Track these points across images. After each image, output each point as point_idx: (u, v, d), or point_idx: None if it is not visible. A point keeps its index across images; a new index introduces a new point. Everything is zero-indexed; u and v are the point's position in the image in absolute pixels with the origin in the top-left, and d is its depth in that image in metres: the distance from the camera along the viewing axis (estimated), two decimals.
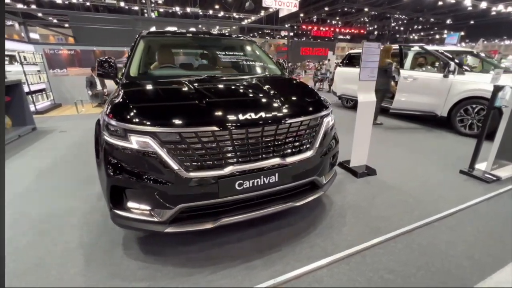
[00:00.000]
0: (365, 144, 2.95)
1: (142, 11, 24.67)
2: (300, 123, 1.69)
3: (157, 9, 25.38)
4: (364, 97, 2.77)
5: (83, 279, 1.52)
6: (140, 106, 1.54)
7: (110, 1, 16.43)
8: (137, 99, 1.63)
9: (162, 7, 25.15)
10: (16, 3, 19.43)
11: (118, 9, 22.66)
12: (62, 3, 22.85)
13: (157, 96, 1.73)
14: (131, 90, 1.75)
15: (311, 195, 1.88)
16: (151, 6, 22.36)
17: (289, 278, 1.52)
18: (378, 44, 2.67)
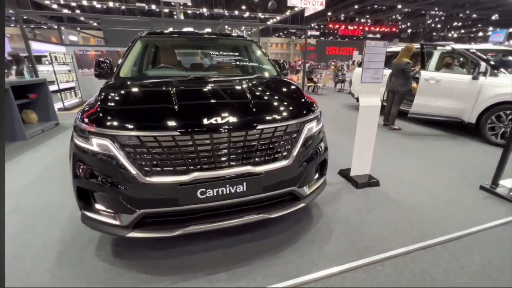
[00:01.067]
0: (368, 152, 2.71)
1: (172, 13, 25.69)
2: (274, 129, 1.56)
3: (185, 11, 26.26)
4: (366, 101, 2.53)
5: (49, 277, 1.54)
6: (105, 108, 1.52)
7: (140, 5, 17.28)
8: (107, 101, 1.61)
9: (190, 9, 25.98)
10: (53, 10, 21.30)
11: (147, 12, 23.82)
12: (101, 8, 24.65)
13: (128, 99, 1.70)
14: (107, 92, 1.74)
15: (289, 207, 1.74)
16: (180, 8, 23.19)
17: None
18: (383, 43, 2.42)
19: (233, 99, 1.73)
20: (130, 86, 1.88)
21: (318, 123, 1.84)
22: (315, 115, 1.78)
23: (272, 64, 2.75)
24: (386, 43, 2.45)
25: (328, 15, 27.32)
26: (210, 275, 1.55)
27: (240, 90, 1.86)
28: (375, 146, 3.83)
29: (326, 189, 2.55)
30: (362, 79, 2.48)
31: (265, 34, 35.47)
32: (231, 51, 2.86)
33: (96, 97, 1.69)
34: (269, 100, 1.80)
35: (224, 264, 1.64)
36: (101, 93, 1.72)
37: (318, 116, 1.85)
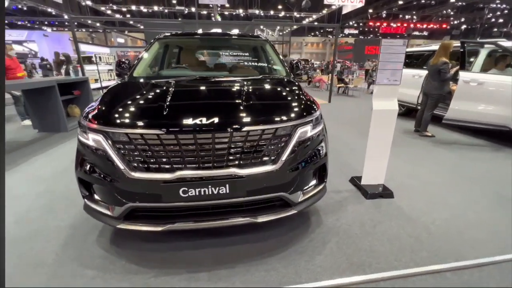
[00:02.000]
0: (383, 161, 2.49)
1: (210, 15, 26.68)
2: (261, 132, 1.51)
3: (222, 12, 27.06)
4: (380, 105, 2.33)
5: (54, 257, 1.70)
6: (102, 107, 1.62)
7: (180, 8, 18.31)
8: (106, 100, 1.72)
9: (227, 10, 26.71)
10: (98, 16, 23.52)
11: (187, 14, 25.08)
12: (146, 12, 26.68)
13: (125, 97, 1.77)
14: (110, 91, 1.87)
15: (278, 213, 1.67)
16: (217, 10, 24.00)
17: None
18: (402, 41, 2.20)
19: (226, 100, 1.73)
20: (134, 85, 1.99)
21: (316, 127, 1.74)
22: (311, 118, 1.69)
23: (282, 64, 2.69)
24: (406, 41, 2.21)
25: (369, 12, 25.83)
26: (191, 273, 1.57)
27: (237, 91, 1.84)
28: (399, 153, 3.54)
29: (332, 196, 2.44)
30: (377, 81, 2.29)
31: (300, 33, 34.90)
32: (243, 51, 2.86)
33: (102, 95, 1.82)
34: (263, 102, 1.75)
35: (208, 264, 1.64)
36: (106, 92, 1.85)
37: (315, 119, 1.75)
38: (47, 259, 1.68)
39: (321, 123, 1.84)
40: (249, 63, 2.73)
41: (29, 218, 2.13)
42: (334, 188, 2.63)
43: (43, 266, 1.63)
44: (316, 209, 2.24)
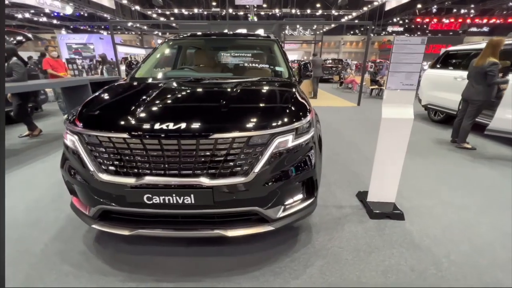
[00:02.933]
0: (394, 176, 2.17)
1: (246, 16, 27.03)
2: (231, 140, 1.40)
3: (259, 12, 27.19)
4: (391, 112, 2.02)
5: (42, 247, 1.80)
6: (83, 108, 1.64)
7: (215, 9, 18.86)
8: (90, 101, 1.75)
9: (263, 10, 26.76)
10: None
11: (225, 16, 25.71)
12: (187, 14, 28.07)
13: (108, 99, 1.78)
14: (102, 91, 1.91)
15: (253, 228, 1.54)
16: (253, 11, 24.20)
17: None
18: (420, 39, 1.87)
19: (203, 104, 1.64)
20: (123, 87, 2.01)
21: (301, 136, 1.56)
22: (292, 126, 1.51)
23: (287, 66, 2.52)
24: (424, 39, 1.88)
25: (417, 7, 23.60)
26: (158, 282, 1.52)
27: (221, 95, 1.75)
28: (426, 167, 3.13)
29: (331, 212, 2.22)
30: (388, 85, 1.99)
31: (339, 32, 33.37)
32: (247, 52, 2.75)
33: (91, 96, 1.87)
34: (244, 107, 1.63)
35: (177, 274, 1.58)
36: (98, 92, 1.90)
37: (301, 128, 1.56)
38: (35, 248, 1.79)
39: (310, 132, 1.64)
40: (250, 64, 2.61)
41: (39, 205, 2.31)
42: (336, 202, 2.38)
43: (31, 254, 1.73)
44: (309, 225, 2.04)
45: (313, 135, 1.68)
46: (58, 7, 17.62)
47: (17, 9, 22.32)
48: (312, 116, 1.74)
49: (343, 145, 3.99)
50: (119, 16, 25.43)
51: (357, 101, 7.67)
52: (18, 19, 24.21)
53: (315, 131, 1.75)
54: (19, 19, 24.42)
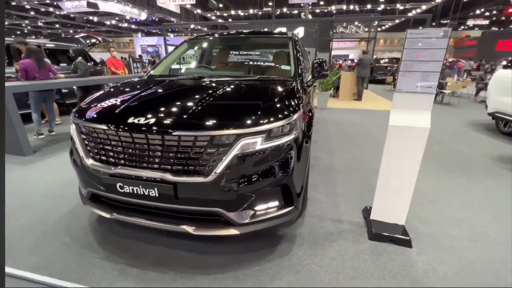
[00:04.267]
0: (403, 194, 1.84)
1: (300, 14, 26.50)
2: (194, 138, 1.38)
3: (314, 10, 26.38)
4: (401, 119, 1.71)
5: (56, 219, 2.10)
6: (86, 101, 1.84)
7: (267, 9, 19.00)
8: (100, 94, 1.95)
9: (318, 8, 25.83)
10: None
11: (279, 15, 25.74)
12: (243, 15, 29.04)
13: (107, 95, 1.91)
14: (113, 86, 2.11)
15: (218, 230, 1.51)
16: (308, 8, 23.57)
17: None
18: (443, 31, 1.53)
19: (179, 101, 1.65)
20: (131, 84, 2.18)
21: (273, 140, 1.45)
22: (261, 128, 1.41)
23: (296, 64, 2.38)
24: (448, 31, 1.53)
25: None
26: (128, 265, 1.61)
27: (203, 93, 1.75)
28: (467, 188, 2.68)
29: (325, 225, 2.03)
30: (398, 86, 1.69)
31: (404, 28, 29.75)
32: (258, 50, 2.68)
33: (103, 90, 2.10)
34: (218, 106, 1.59)
35: (147, 261, 1.66)
36: (110, 87, 2.11)
37: (274, 130, 1.46)
38: (51, 219, 2.10)
39: (290, 135, 1.52)
40: (257, 63, 2.54)
41: (50, 194, 2.70)
42: (336, 215, 2.16)
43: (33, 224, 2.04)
44: (294, 235, 1.90)
45: (294, 139, 1.55)
46: (136, 13, 20.35)
47: (106, 17, 26.40)
48: (298, 118, 1.60)
49: (370, 154, 3.57)
50: (183, 19, 27.84)
51: None
52: (107, 25, 28.62)
53: (299, 134, 1.61)
54: (108, 25, 28.84)
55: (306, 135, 1.75)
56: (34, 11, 21.09)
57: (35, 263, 1.64)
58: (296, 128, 1.58)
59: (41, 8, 20.18)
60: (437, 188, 2.64)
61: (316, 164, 3.19)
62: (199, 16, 29.66)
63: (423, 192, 2.53)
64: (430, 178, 2.86)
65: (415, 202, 2.32)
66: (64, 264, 1.64)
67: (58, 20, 23.29)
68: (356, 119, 5.69)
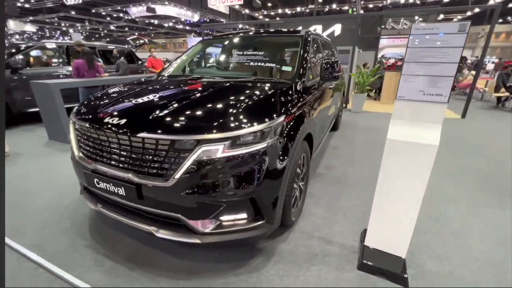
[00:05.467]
0: (404, 221, 1.54)
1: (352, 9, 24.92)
2: (156, 141, 1.37)
3: (366, 5, 24.56)
4: (400, 133, 1.42)
5: (67, 203, 2.34)
6: (85, 100, 1.98)
7: (312, 6, 18.36)
8: (97, 94, 2.08)
9: (371, 2, 23.95)
10: None
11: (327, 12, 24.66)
12: (290, 13, 28.65)
13: (103, 95, 2.00)
14: (111, 87, 2.23)
15: (180, 236, 1.48)
16: (360, 4, 22.03)
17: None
18: (459, 25, 1.20)
19: (159, 104, 1.64)
20: (126, 85, 2.24)
21: (240, 147, 1.35)
22: (223, 135, 1.32)
23: (299, 64, 2.20)
24: (465, 25, 1.19)
25: None
26: (105, 256, 1.70)
27: (184, 95, 1.73)
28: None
29: (312, 244, 1.86)
30: (399, 93, 1.41)
31: (479, 21, 25.47)
32: (264, 51, 2.55)
33: None
34: (189, 109, 1.53)
35: (121, 255, 1.72)
36: (118, 86, 2.24)
37: (240, 137, 1.35)
38: (63, 203, 2.35)
39: (259, 144, 1.39)
40: (259, 63, 2.41)
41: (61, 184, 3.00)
42: (327, 234, 1.93)
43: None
44: (273, 252, 1.76)
45: (267, 147, 1.42)
46: (189, 15, 21.85)
47: (164, 20, 28.89)
48: (278, 125, 1.47)
49: None
50: (232, 20, 28.75)
51: (462, 112, 5.75)
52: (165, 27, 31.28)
53: (276, 142, 1.47)
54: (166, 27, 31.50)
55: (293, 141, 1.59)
56: (109, 17, 24.17)
57: (32, 240, 1.85)
58: (271, 136, 1.45)
59: (113, 14, 23.06)
60: (468, 217, 2.17)
61: (327, 174, 2.93)
62: (246, 16, 30.26)
63: (446, 220, 2.10)
64: (462, 203, 2.37)
65: (431, 230, 1.95)
66: (56, 246, 1.81)
67: (127, 24, 26.29)
68: None
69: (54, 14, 19.43)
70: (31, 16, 19.76)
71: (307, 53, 2.32)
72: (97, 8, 19.34)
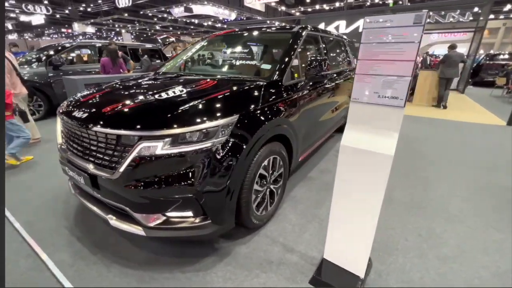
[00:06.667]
0: (361, 237, 1.39)
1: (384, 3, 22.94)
2: (105, 136, 1.44)
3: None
4: (354, 139, 1.27)
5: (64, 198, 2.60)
6: (75, 94, 2.16)
7: (350, 1, 17.41)
8: (89, 89, 2.25)
9: None
10: None
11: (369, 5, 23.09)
12: (328, 9, 27.52)
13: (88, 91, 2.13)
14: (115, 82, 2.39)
15: (130, 227, 1.53)
16: None
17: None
18: (414, 16, 1.02)
19: (121, 100, 1.69)
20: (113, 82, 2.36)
21: (180, 146, 1.35)
22: (164, 133, 1.33)
23: (281, 64, 2.10)
24: (421, 16, 1.01)
25: None
26: (76, 239, 1.85)
27: (148, 92, 1.80)
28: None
29: (271, 251, 1.81)
30: (353, 95, 1.26)
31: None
32: (249, 48, 2.49)
33: None
34: (140, 106, 1.58)
35: (92, 240, 1.85)
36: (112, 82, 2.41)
37: (181, 136, 1.35)
38: (62, 197, 2.61)
39: (202, 143, 1.38)
40: (241, 62, 2.36)
41: None
42: (292, 242, 1.84)
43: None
44: (228, 252, 1.73)
45: (213, 147, 1.40)
46: (227, 14, 22.46)
47: (204, 19, 30.07)
48: (227, 125, 1.45)
49: (401, 178, 2.82)
50: (267, 17, 28.69)
51: (508, 118, 4.90)
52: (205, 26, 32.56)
53: (225, 143, 1.44)
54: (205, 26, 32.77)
55: (248, 143, 1.54)
56: (155, 18, 25.99)
57: (28, 217, 2.10)
58: (218, 135, 1.42)
59: (158, 15, 24.74)
60: (466, 240, 1.86)
61: (318, 178, 2.77)
62: (283, 13, 29.85)
63: (438, 241, 1.84)
64: (465, 225, 2.04)
65: (415, 251, 1.75)
66: (43, 224, 2.03)
67: (170, 24, 27.97)
68: (418, 132, 4.55)
69: (109, 17, 21.55)
70: (92, 18, 22.20)
71: (293, 51, 2.20)
72: (145, 9, 20.94)
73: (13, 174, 2.89)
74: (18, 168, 3.03)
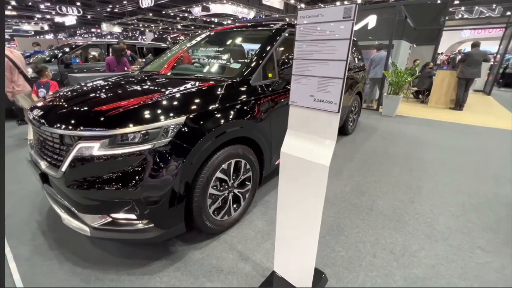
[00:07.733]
0: (304, 249, 1.28)
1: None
2: (51, 134, 1.45)
3: None
4: (294, 146, 1.16)
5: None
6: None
7: None
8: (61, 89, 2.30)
9: None
10: None
11: None
12: None
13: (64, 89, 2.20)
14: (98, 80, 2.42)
15: (77, 225, 1.53)
16: None
17: None
18: (343, 9, 0.89)
19: (76, 98, 1.72)
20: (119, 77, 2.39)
21: (119, 147, 1.33)
22: (101, 133, 1.31)
23: (251, 63, 2.02)
24: (350, 9, 0.88)
25: None
26: (41, 232, 1.91)
27: (104, 91, 1.80)
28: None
29: (225, 258, 1.77)
30: (291, 97, 1.15)
31: None
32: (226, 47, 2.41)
33: None
34: (88, 105, 1.57)
35: (56, 234, 1.89)
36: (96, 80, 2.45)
37: (119, 137, 1.32)
38: None
39: (142, 144, 1.34)
40: (214, 60, 2.29)
41: None
42: (250, 250, 1.75)
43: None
44: (180, 257, 1.68)
45: (153, 149, 1.36)
46: (246, 13, 22.51)
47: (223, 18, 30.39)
48: (169, 125, 1.40)
49: (395, 189, 2.61)
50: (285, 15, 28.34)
51: None
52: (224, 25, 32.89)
53: (168, 145, 1.39)
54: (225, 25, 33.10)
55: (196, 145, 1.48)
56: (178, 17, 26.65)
57: (7, 210, 2.20)
58: (160, 137, 1.38)
59: (180, 14, 25.34)
60: (443, 261, 1.66)
61: None
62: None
63: (411, 261, 1.66)
64: (447, 243, 1.83)
65: (381, 269, 1.59)
66: (17, 218, 2.11)
67: (191, 23, 28.58)
68: (425, 136, 4.21)
69: (134, 17, 22.43)
70: (118, 19, 23.24)
71: (268, 50, 2.10)
72: (167, 9, 21.53)
73: (10, 167, 3.06)
74: (15, 161, 3.21)
